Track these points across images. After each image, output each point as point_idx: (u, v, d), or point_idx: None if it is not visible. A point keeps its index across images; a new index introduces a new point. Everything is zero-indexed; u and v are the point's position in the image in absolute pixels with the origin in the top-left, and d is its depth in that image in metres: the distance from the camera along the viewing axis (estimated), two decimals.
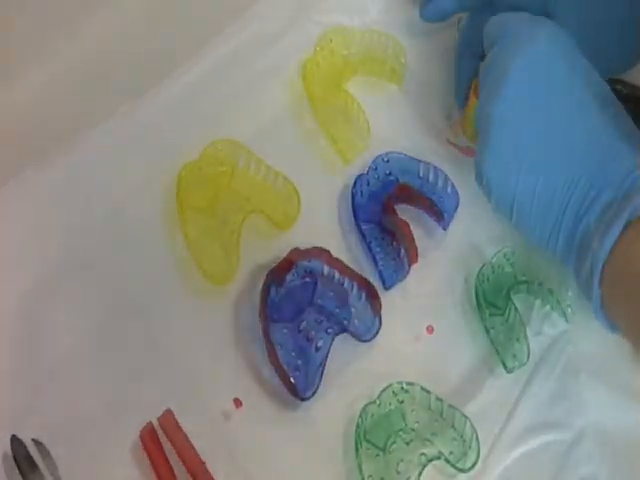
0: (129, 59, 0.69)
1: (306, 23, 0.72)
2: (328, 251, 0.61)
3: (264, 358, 0.59)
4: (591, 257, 0.49)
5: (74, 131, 0.66)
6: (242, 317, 0.60)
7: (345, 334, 0.59)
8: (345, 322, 0.59)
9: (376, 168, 0.65)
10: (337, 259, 0.61)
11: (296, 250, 0.60)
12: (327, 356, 0.58)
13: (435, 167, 0.65)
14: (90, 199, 0.65)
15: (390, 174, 0.65)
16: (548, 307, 0.61)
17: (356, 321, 0.60)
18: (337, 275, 0.60)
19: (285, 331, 0.58)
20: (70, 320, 0.61)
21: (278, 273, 0.59)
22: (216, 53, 0.70)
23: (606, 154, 0.51)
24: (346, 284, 0.60)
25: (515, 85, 0.52)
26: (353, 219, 0.64)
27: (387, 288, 0.62)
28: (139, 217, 0.64)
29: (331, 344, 0.58)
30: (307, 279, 0.60)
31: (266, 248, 0.62)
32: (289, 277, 0.59)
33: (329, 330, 0.59)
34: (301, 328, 0.59)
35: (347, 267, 0.61)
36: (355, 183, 0.64)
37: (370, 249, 0.63)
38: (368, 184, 0.65)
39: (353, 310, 0.60)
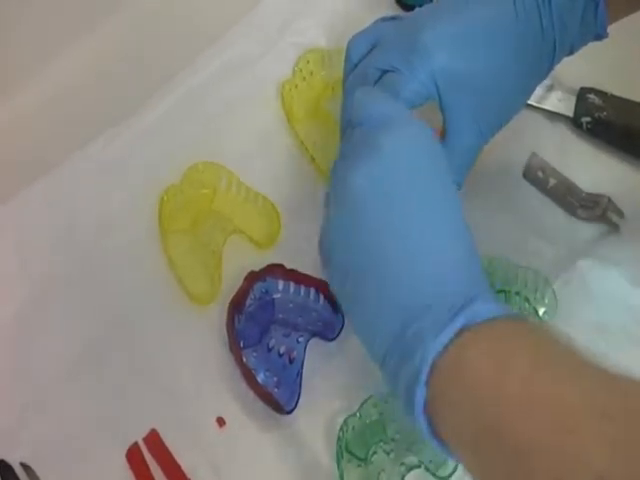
0: (111, 83, 0.71)
1: (283, 45, 0.73)
2: (281, 265, 0.61)
3: None
4: (419, 355, 0.41)
5: (57, 154, 0.68)
6: (225, 336, 0.60)
7: (322, 344, 0.60)
8: (310, 327, 0.60)
9: None
10: (292, 270, 0.61)
11: (251, 273, 0.61)
12: (303, 364, 0.59)
13: None
14: (73, 222, 0.66)
15: None
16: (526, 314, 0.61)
17: (319, 323, 0.61)
18: (293, 286, 0.61)
19: (255, 354, 0.59)
20: (54, 342, 0.62)
21: (238, 301, 0.60)
22: (195, 76, 0.72)
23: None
24: (303, 292, 0.61)
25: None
26: None
27: None
28: (122, 239, 0.65)
29: (305, 351, 0.59)
30: (265, 299, 0.61)
31: (248, 268, 0.62)
32: (248, 302, 0.60)
33: (300, 339, 0.60)
34: (270, 346, 0.60)
35: (302, 275, 0.61)
36: None
37: None
38: None
39: (314, 314, 0.61)
